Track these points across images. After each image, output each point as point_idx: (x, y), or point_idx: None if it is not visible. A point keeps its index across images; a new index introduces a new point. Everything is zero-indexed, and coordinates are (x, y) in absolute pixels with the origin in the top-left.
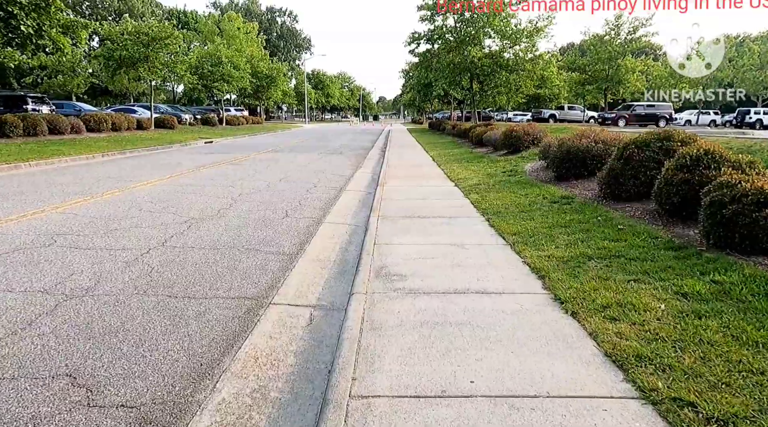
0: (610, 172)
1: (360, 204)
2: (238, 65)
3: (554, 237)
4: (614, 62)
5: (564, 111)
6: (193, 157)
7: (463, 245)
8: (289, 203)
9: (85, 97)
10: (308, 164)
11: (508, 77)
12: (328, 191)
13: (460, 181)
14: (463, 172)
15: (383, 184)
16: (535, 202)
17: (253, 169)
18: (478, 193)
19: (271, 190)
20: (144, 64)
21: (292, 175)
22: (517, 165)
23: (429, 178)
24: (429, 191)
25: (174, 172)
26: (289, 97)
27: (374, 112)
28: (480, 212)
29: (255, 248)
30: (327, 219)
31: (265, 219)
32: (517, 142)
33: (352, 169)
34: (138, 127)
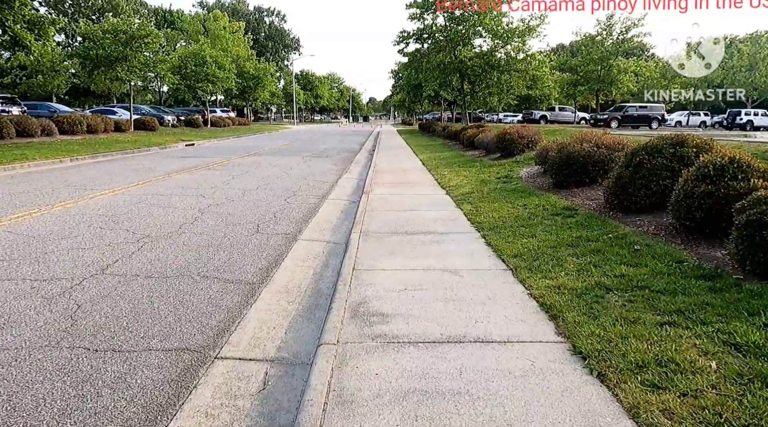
0: (617, 180)
1: (342, 216)
2: (223, 65)
3: (562, 260)
4: (606, 63)
5: (555, 112)
6: (169, 161)
7: (457, 270)
8: (262, 216)
9: (66, 98)
10: (290, 169)
11: (500, 77)
12: (309, 200)
13: (451, 188)
14: (454, 178)
15: (369, 193)
16: (536, 215)
17: (229, 176)
18: (472, 204)
19: (246, 199)
20: (122, 63)
21: (271, 182)
22: (511, 170)
23: (418, 186)
24: (418, 201)
25: (143, 178)
26: (278, 98)
27: (364, 113)
28: (475, 227)
29: (213, 275)
30: (303, 235)
31: (231, 236)
32: (510, 145)
33: (336, 175)
34: (116, 129)
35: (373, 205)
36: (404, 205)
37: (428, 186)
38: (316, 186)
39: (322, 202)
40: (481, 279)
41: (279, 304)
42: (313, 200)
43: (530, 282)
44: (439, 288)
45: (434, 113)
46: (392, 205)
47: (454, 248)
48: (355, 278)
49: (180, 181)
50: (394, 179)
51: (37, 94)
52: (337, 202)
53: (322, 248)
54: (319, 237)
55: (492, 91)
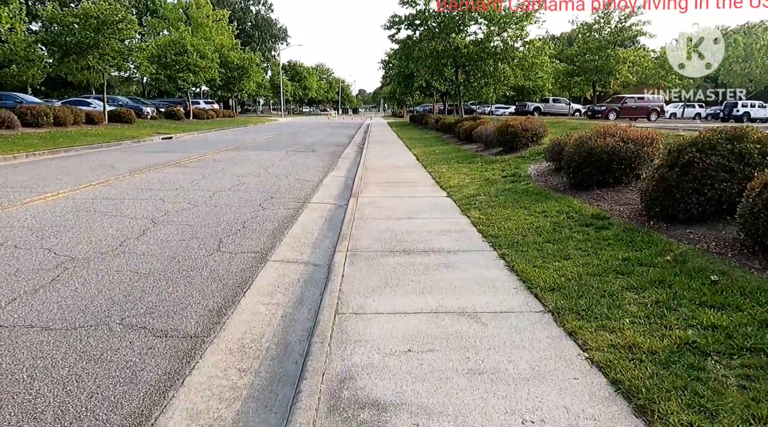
0: (660, 183)
1: (326, 226)
2: (205, 54)
3: (616, 297)
4: (604, 52)
5: (549, 104)
6: (137, 157)
7: (478, 313)
8: (228, 227)
9: (43, 89)
10: (271, 166)
11: (496, 66)
12: (288, 205)
13: (453, 189)
14: (455, 176)
15: (358, 195)
16: (560, 225)
17: (201, 174)
18: (480, 210)
19: (213, 204)
20: (94, 51)
21: (247, 182)
22: (518, 167)
23: (414, 185)
24: (415, 205)
25: (99, 178)
26: (264, 89)
27: (354, 105)
28: (489, 242)
29: (141, 322)
30: (275, 254)
31: (183, 257)
32: (513, 139)
33: (322, 173)
34: (88, 121)
35: (363, 212)
36: (399, 212)
37: (425, 186)
38: (297, 186)
39: (304, 208)
40: (514, 330)
41: (226, 376)
42: (293, 205)
43: (584, 337)
44: (457, 348)
45: (425, 105)
46: (385, 212)
47: (469, 275)
48: (338, 327)
49: (141, 182)
50: (386, 178)
51: (13, 85)
52: (321, 208)
53: (298, 273)
54: (295, 256)
55: (488, 81)
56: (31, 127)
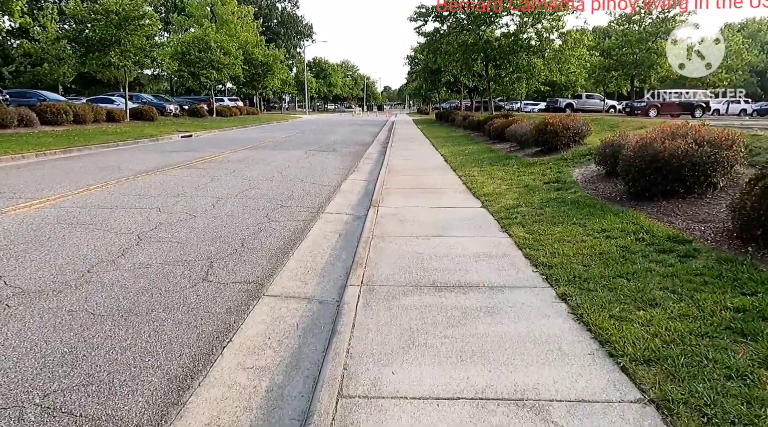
0: (764, 198)
1: (339, 244)
2: (229, 51)
3: (753, 382)
4: (644, 45)
5: (582, 100)
6: (149, 157)
7: (543, 402)
8: (224, 245)
9: (73, 87)
10: (287, 167)
11: (530, 60)
12: (299, 216)
13: (488, 198)
14: (489, 181)
15: (379, 204)
16: (630, 250)
17: (210, 177)
18: (524, 226)
19: (214, 214)
20: (115, 47)
21: (258, 186)
22: (560, 171)
23: (443, 192)
24: (445, 218)
25: (100, 181)
26: (289, 86)
27: (379, 101)
28: (541, 273)
29: (65, 405)
30: (273, 284)
31: (159, 290)
32: (553, 139)
33: (341, 175)
34: (109, 119)
35: (384, 228)
36: (427, 227)
37: (456, 193)
38: (313, 192)
39: (316, 219)
40: None
41: None
42: (305, 216)
43: None
44: None
45: (451, 102)
46: (410, 227)
47: (522, 328)
48: (340, 424)
49: (143, 186)
50: (411, 182)
51: (46, 84)
52: (336, 220)
53: (298, 315)
54: (297, 289)
55: (520, 76)
56: (51, 125)
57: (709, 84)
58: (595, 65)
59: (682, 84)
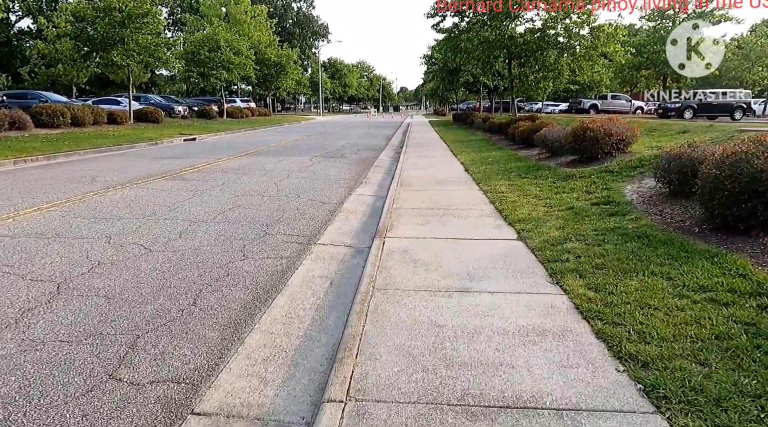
0: None
1: (326, 304)
2: (240, 50)
3: None
4: (679, 41)
5: (607, 100)
6: (136, 164)
7: None
8: (168, 304)
9: (87, 89)
10: (286, 178)
11: (557, 57)
12: (284, 249)
13: (524, 225)
14: (521, 200)
15: (386, 233)
16: (764, 333)
17: (193, 191)
18: (581, 274)
19: (176, 247)
20: (119, 46)
21: (245, 203)
22: (608, 187)
23: (465, 215)
24: (471, 257)
25: (62, 197)
26: (303, 86)
27: (395, 102)
28: (634, 378)
29: None
30: (212, 391)
31: (25, 403)
32: (593, 146)
33: (346, 189)
34: (110, 121)
35: (390, 273)
36: (448, 272)
37: (482, 217)
38: (308, 212)
39: (304, 256)
40: None
41: None
42: (291, 250)
43: None
44: None
45: (468, 103)
46: (424, 273)
47: None
48: None
49: (108, 204)
50: (426, 200)
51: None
52: (330, 256)
53: None
54: (247, 399)
55: (547, 75)
56: (46, 128)
57: (747, 83)
58: (623, 64)
59: (711, 84)
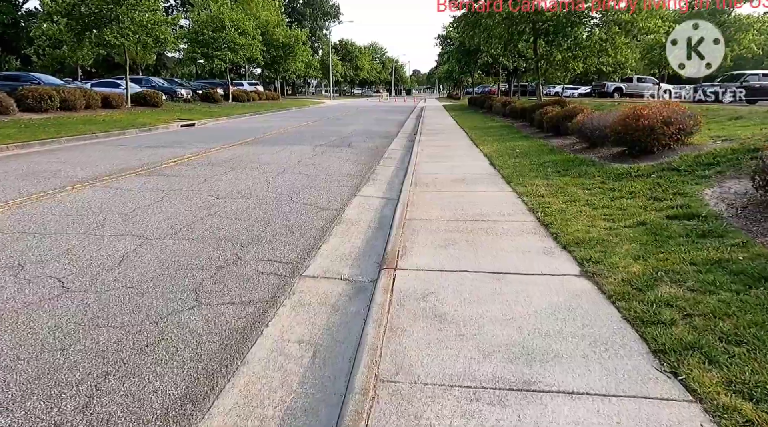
0: None
1: (300, 402)
2: (245, 31)
3: None
4: (719, 17)
5: (632, 84)
6: (113, 155)
7: None
8: (60, 403)
9: (93, 71)
10: (281, 173)
11: (591, 35)
12: (253, 290)
13: (585, 250)
14: (569, 208)
15: (397, 262)
16: None
17: (165, 191)
18: (712, 360)
19: (106, 285)
20: (113, 25)
21: (222, 210)
22: (680, 192)
23: (500, 230)
24: (522, 309)
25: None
26: (313, 69)
27: (407, 86)
28: None
29: None
30: None
31: None
32: (647, 137)
33: (350, 188)
34: (105, 105)
35: (403, 346)
36: (493, 347)
37: (523, 234)
38: (299, 223)
39: (282, 301)
40: None
41: None
42: (263, 291)
43: None
44: None
45: (484, 86)
46: (456, 351)
47: None
48: None
49: (49, 211)
50: (448, 208)
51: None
52: (319, 300)
53: None
54: None
55: (578, 54)
56: (32, 113)
57: None
58: (652, 44)
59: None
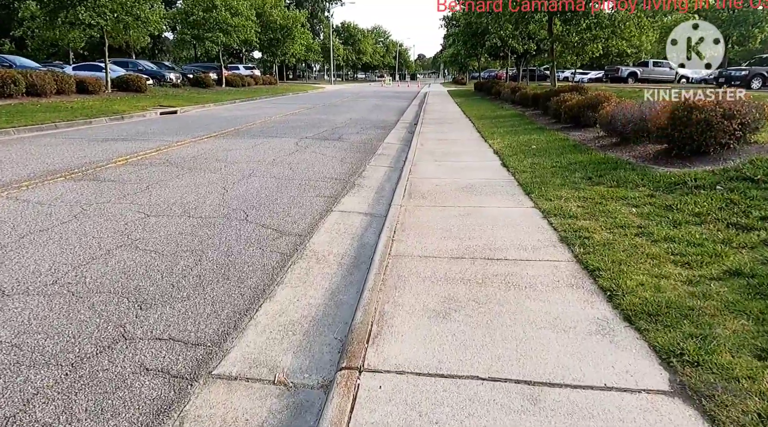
0: None
1: None
2: (239, 10)
3: None
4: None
5: (648, 68)
6: (59, 150)
7: None
8: None
9: (85, 54)
10: (246, 177)
11: (613, 14)
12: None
13: (667, 334)
14: (622, 243)
15: (364, 354)
16: None
17: (84, 205)
18: None
19: None
20: (88, 1)
21: (142, 240)
22: (761, 207)
23: (527, 283)
24: None
25: None
26: (314, 53)
27: (412, 70)
28: None
29: None
30: None
31: None
32: (702, 134)
33: (327, 199)
34: (81, 90)
35: None
36: None
37: (560, 290)
38: (238, 265)
39: None
40: None
41: None
42: (125, 424)
43: None
44: None
45: (490, 70)
46: None
47: None
48: None
49: None
50: (450, 237)
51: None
52: None
53: None
54: None
55: (598, 35)
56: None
57: None
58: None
59: None
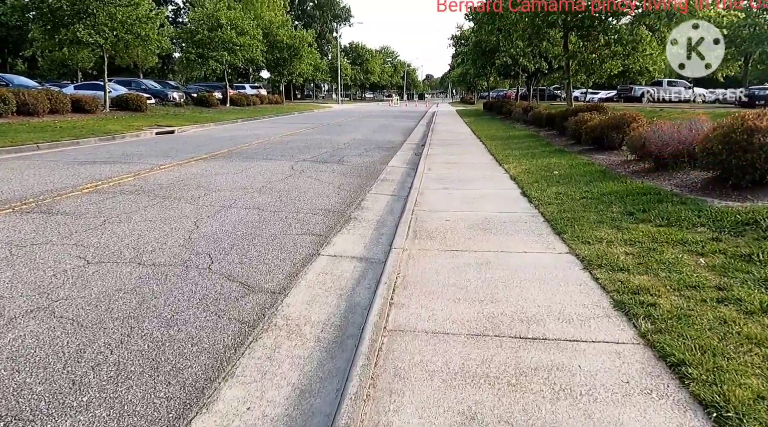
0: None
1: None
2: (245, 30)
3: None
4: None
5: (662, 87)
6: (24, 176)
7: None
8: None
9: (94, 74)
10: (224, 210)
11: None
12: None
13: None
14: (701, 313)
15: None
16: None
17: (21, 244)
18: None
19: None
20: (85, 20)
21: (63, 306)
22: None
23: (576, 378)
24: None
25: None
26: (322, 72)
27: (420, 90)
28: None
29: None
30: None
31: None
32: (765, 160)
33: (313, 241)
34: (77, 109)
35: None
36: None
37: (631, 404)
38: (171, 353)
39: None
40: None
41: None
42: None
43: None
44: None
45: (499, 90)
46: None
47: None
48: None
49: None
50: (465, 303)
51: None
52: None
53: None
54: None
55: (616, 51)
56: None
57: None
58: None
59: None
